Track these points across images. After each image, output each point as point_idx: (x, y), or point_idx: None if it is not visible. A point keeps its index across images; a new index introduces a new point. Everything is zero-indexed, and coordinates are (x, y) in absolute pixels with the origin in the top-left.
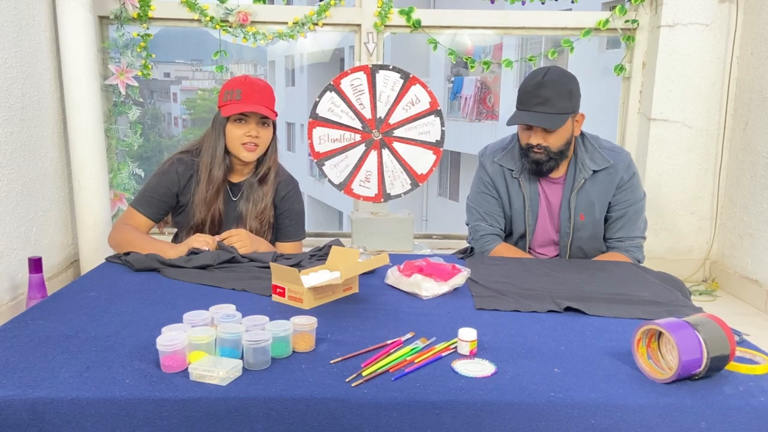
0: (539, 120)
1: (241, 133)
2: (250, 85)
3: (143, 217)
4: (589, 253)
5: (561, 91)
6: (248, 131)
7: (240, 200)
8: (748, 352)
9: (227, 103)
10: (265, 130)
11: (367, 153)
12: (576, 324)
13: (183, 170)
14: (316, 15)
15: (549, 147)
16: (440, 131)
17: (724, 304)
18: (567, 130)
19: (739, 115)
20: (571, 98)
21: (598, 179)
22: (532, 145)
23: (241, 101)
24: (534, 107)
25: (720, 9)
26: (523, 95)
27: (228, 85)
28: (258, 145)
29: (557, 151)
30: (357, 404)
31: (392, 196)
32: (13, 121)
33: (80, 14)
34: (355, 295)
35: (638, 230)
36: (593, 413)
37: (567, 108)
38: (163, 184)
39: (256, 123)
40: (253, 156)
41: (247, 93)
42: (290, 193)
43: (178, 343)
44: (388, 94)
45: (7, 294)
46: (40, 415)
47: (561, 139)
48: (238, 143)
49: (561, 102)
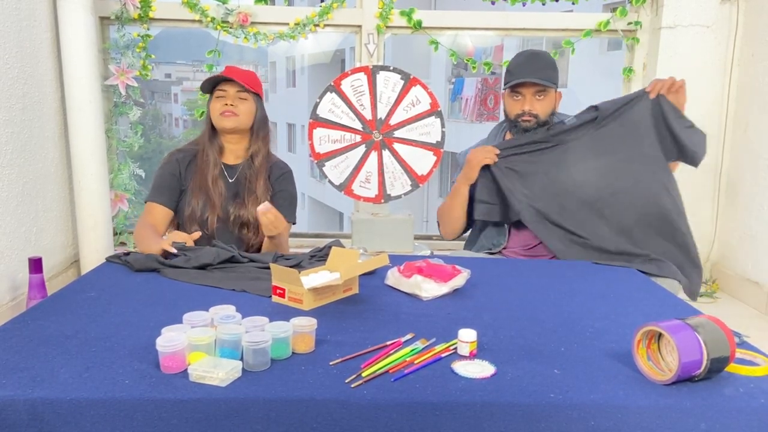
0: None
1: (220, 105)
2: (231, 68)
3: (159, 207)
4: None
5: (549, 62)
6: (224, 101)
7: (236, 181)
8: (748, 353)
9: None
10: (243, 102)
11: (367, 154)
12: (576, 325)
13: (182, 157)
14: (317, 16)
15: (538, 114)
16: (441, 132)
17: (725, 306)
18: (552, 99)
19: (740, 117)
20: (555, 71)
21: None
22: (521, 113)
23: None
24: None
25: (721, 10)
26: (515, 67)
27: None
28: (237, 114)
29: (543, 120)
30: (356, 405)
31: (392, 197)
32: (14, 121)
33: (81, 15)
34: (355, 296)
35: None
36: (593, 414)
37: (554, 78)
38: (167, 172)
39: (234, 95)
40: (232, 123)
41: (227, 71)
42: (285, 175)
43: (177, 344)
44: (388, 95)
45: (7, 294)
46: (39, 415)
47: (548, 107)
48: (218, 114)
49: (549, 71)
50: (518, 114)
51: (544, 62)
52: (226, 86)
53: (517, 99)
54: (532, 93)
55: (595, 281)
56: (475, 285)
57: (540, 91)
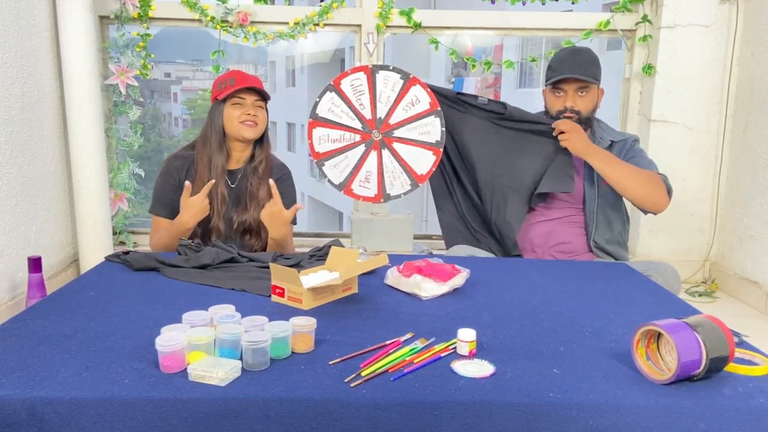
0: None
1: (239, 113)
2: (240, 73)
3: (165, 220)
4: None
5: (593, 59)
6: (246, 110)
7: (237, 187)
8: (747, 353)
9: (222, 90)
10: (260, 111)
11: (367, 153)
12: (575, 325)
13: (180, 165)
14: (317, 16)
15: (580, 111)
16: (440, 132)
17: (724, 306)
18: (594, 96)
19: (740, 117)
20: (598, 66)
21: (614, 152)
22: (564, 110)
23: (236, 86)
24: (570, 71)
25: (720, 10)
26: (557, 63)
27: (219, 78)
28: (257, 123)
29: (585, 117)
30: (356, 405)
31: (392, 196)
32: (13, 120)
33: (81, 14)
34: (355, 296)
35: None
36: (592, 414)
37: (597, 75)
38: (167, 183)
39: (252, 104)
40: (254, 133)
41: (240, 78)
42: (285, 176)
43: (177, 344)
44: (388, 94)
45: (6, 293)
46: (39, 414)
47: (590, 104)
48: (237, 122)
49: (593, 68)
50: (560, 111)
51: (587, 58)
52: (244, 94)
53: (559, 95)
54: (574, 89)
55: (594, 281)
56: (475, 284)
57: (582, 87)
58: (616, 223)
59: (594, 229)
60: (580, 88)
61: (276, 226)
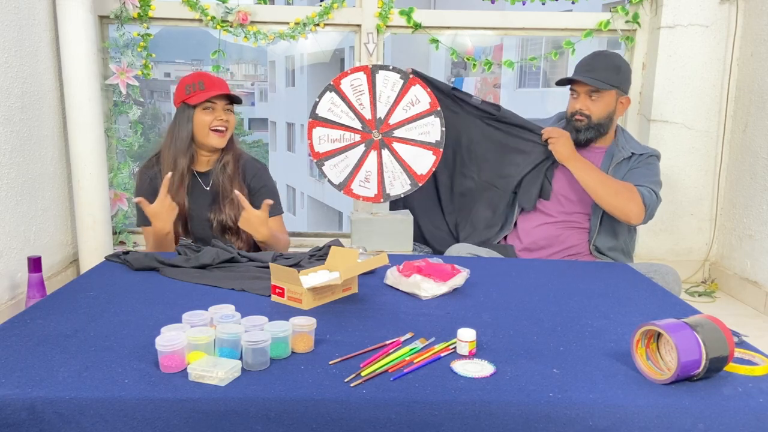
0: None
1: (210, 119)
2: (209, 77)
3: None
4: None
5: (608, 63)
6: (218, 116)
7: (212, 188)
8: (747, 353)
9: (192, 94)
10: (230, 115)
11: (366, 153)
12: (575, 325)
13: (154, 174)
14: (318, 16)
15: (591, 116)
16: (440, 132)
17: (724, 306)
18: (610, 102)
19: (739, 117)
20: (618, 73)
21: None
22: (575, 112)
23: (206, 90)
24: (582, 74)
25: (720, 10)
26: (577, 65)
27: (186, 80)
28: (227, 129)
29: (597, 122)
30: (356, 404)
31: (392, 196)
32: (13, 120)
33: (80, 14)
34: (355, 296)
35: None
36: (592, 414)
37: (611, 80)
38: (145, 193)
39: (223, 108)
40: (223, 141)
41: (210, 83)
42: (259, 171)
43: (177, 344)
44: (388, 94)
45: (6, 293)
46: (38, 414)
47: (603, 110)
48: (207, 129)
49: (606, 73)
50: (573, 112)
51: (605, 63)
52: (215, 98)
53: (575, 98)
54: (585, 92)
55: (594, 280)
56: (474, 284)
57: (593, 91)
58: (622, 232)
59: (596, 234)
60: (591, 91)
61: (255, 228)
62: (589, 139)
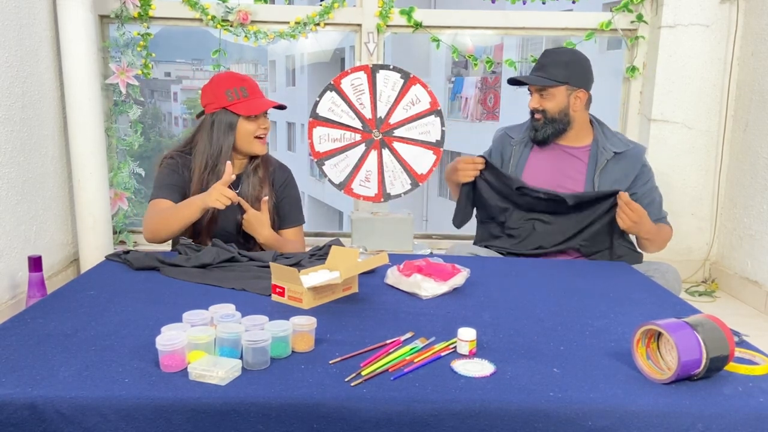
0: (526, 78)
1: (254, 127)
2: (249, 81)
3: (168, 201)
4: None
5: (557, 60)
6: (261, 124)
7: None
8: (747, 352)
9: (238, 101)
10: (269, 121)
11: (367, 153)
12: (575, 324)
13: (182, 161)
14: (318, 16)
15: (546, 111)
16: (440, 131)
17: (724, 305)
18: (561, 98)
19: (740, 117)
20: (566, 68)
21: (620, 162)
22: (532, 110)
23: (250, 98)
24: (532, 73)
25: (720, 10)
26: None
27: (224, 83)
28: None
29: (551, 118)
30: (356, 404)
31: (392, 196)
32: (13, 120)
33: (81, 13)
34: (355, 295)
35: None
36: (592, 413)
37: (559, 76)
38: (172, 171)
39: (264, 115)
40: (265, 148)
41: (252, 89)
42: (287, 179)
43: (177, 343)
44: (388, 94)
45: (6, 292)
46: (39, 413)
47: (555, 106)
48: (251, 137)
49: (554, 69)
50: (531, 111)
51: (552, 59)
52: None
53: (531, 96)
54: (535, 90)
55: (594, 280)
56: (475, 284)
57: (541, 89)
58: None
59: None
60: (539, 89)
61: (255, 229)
62: (548, 135)
